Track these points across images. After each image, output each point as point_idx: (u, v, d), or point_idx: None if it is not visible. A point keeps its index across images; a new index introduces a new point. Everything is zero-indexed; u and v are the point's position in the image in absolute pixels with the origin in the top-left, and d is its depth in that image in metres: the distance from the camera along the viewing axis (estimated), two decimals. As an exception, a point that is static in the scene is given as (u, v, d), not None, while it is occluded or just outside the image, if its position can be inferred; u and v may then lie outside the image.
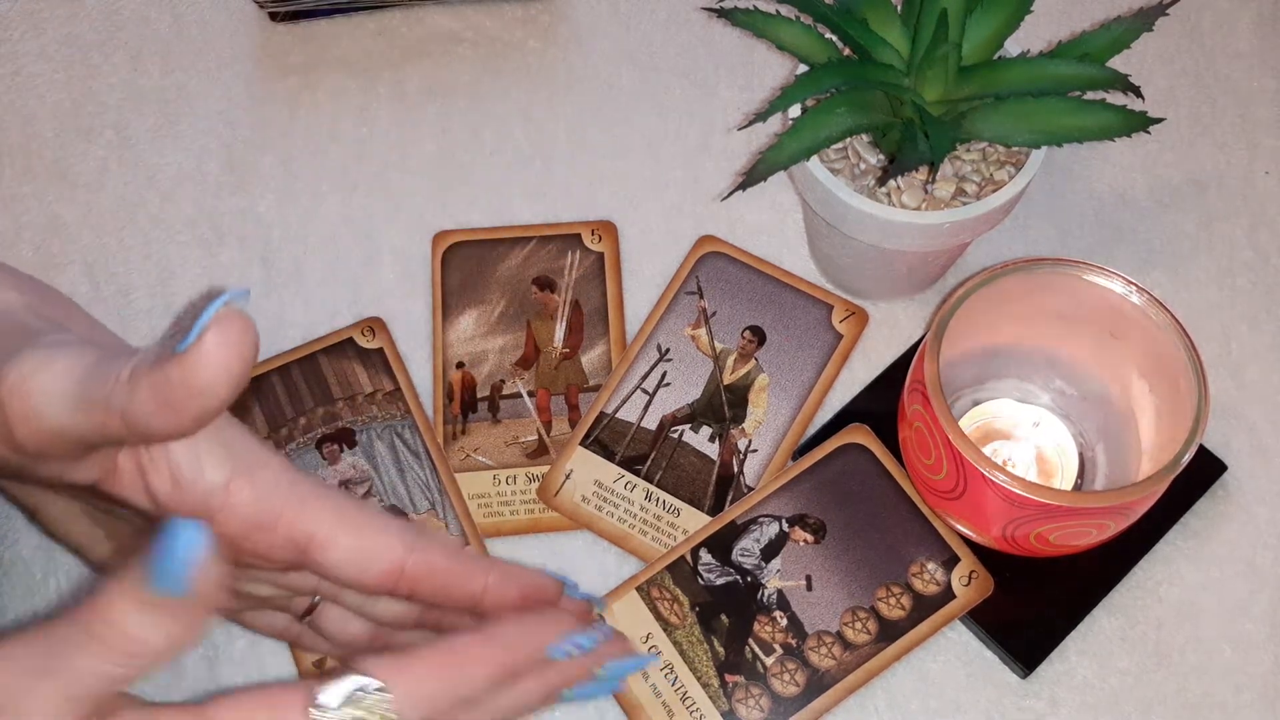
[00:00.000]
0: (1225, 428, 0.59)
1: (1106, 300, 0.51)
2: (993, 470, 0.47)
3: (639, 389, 0.60)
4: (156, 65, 0.70)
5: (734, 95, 0.69)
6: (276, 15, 0.70)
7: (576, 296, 0.62)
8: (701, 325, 0.61)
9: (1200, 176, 0.66)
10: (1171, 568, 0.56)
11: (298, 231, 0.65)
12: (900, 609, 0.53)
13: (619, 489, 0.57)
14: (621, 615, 0.54)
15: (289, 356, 0.61)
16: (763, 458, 0.58)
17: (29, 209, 0.66)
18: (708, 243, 0.63)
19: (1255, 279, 0.63)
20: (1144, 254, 0.63)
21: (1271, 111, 0.67)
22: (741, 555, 0.55)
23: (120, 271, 0.64)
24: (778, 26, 0.54)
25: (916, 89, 0.51)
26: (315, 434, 0.59)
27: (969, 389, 0.57)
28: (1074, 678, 0.54)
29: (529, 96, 0.69)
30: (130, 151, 0.68)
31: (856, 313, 0.61)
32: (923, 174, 0.54)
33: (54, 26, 0.71)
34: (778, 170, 0.51)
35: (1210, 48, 0.70)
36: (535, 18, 0.71)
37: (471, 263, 0.63)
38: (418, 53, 0.70)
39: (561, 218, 0.65)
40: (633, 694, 0.53)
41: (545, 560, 0.57)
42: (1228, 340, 0.61)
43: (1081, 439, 0.56)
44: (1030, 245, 0.64)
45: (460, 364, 0.61)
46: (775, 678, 0.53)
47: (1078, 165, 0.66)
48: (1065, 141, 0.51)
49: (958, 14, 0.50)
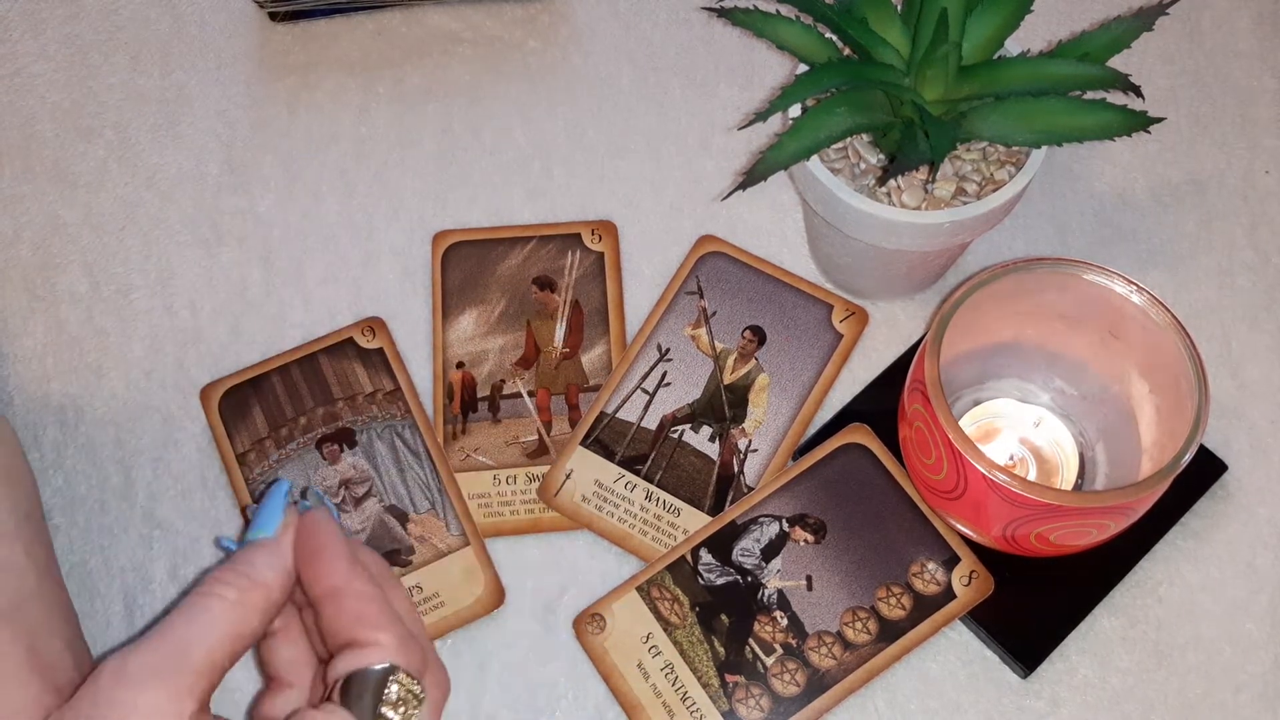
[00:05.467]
0: (1225, 428, 0.59)
1: (1106, 300, 0.51)
2: (993, 470, 0.47)
3: (639, 389, 0.60)
4: (156, 65, 0.70)
5: (734, 95, 0.69)
6: (276, 15, 0.70)
7: (576, 296, 0.62)
8: (701, 325, 0.61)
9: (1200, 176, 0.66)
10: (1171, 568, 0.56)
11: (298, 231, 0.65)
12: (900, 609, 0.53)
13: (619, 489, 0.57)
14: (621, 615, 0.54)
15: (289, 356, 0.61)
16: (763, 457, 0.58)
17: (29, 209, 0.66)
18: (708, 242, 0.63)
19: (1255, 279, 0.63)
20: (1144, 254, 0.63)
21: (1271, 111, 0.67)
22: (742, 555, 0.55)
23: (120, 271, 0.64)
24: (778, 26, 0.54)
25: (916, 89, 0.51)
26: (315, 434, 0.59)
27: (969, 389, 0.57)
28: (1074, 678, 0.54)
29: (529, 96, 0.69)
30: (130, 151, 0.68)
31: (856, 313, 0.61)
32: (923, 174, 0.54)
33: (54, 26, 0.71)
34: (778, 170, 0.51)
35: (1210, 48, 0.70)
36: (535, 18, 0.71)
37: (471, 262, 0.63)
38: (417, 53, 0.70)
39: (561, 217, 0.65)
40: (633, 694, 0.53)
41: (545, 560, 0.57)
42: (1228, 340, 0.61)
43: (1081, 439, 0.56)
44: (1030, 245, 0.64)
45: (460, 364, 0.61)
46: (775, 678, 0.53)
47: (1078, 165, 0.66)
48: (1065, 141, 0.51)
49: (958, 14, 0.50)
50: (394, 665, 0.38)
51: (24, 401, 0.61)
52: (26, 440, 0.60)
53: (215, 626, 0.37)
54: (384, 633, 0.38)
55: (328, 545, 0.40)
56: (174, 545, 0.57)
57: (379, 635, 0.38)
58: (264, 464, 0.58)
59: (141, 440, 0.60)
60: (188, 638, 0.36)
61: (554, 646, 0.55)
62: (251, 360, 0.61)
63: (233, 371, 0.61)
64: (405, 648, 0.39)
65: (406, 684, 0.38)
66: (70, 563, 0.57)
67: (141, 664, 0.36)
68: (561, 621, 0.55)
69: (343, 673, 0.38)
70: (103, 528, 0.58)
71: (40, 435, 0.60)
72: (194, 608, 0.37)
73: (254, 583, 0.38)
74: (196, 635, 0.37)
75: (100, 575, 0.57)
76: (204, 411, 0.60)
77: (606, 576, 0.56)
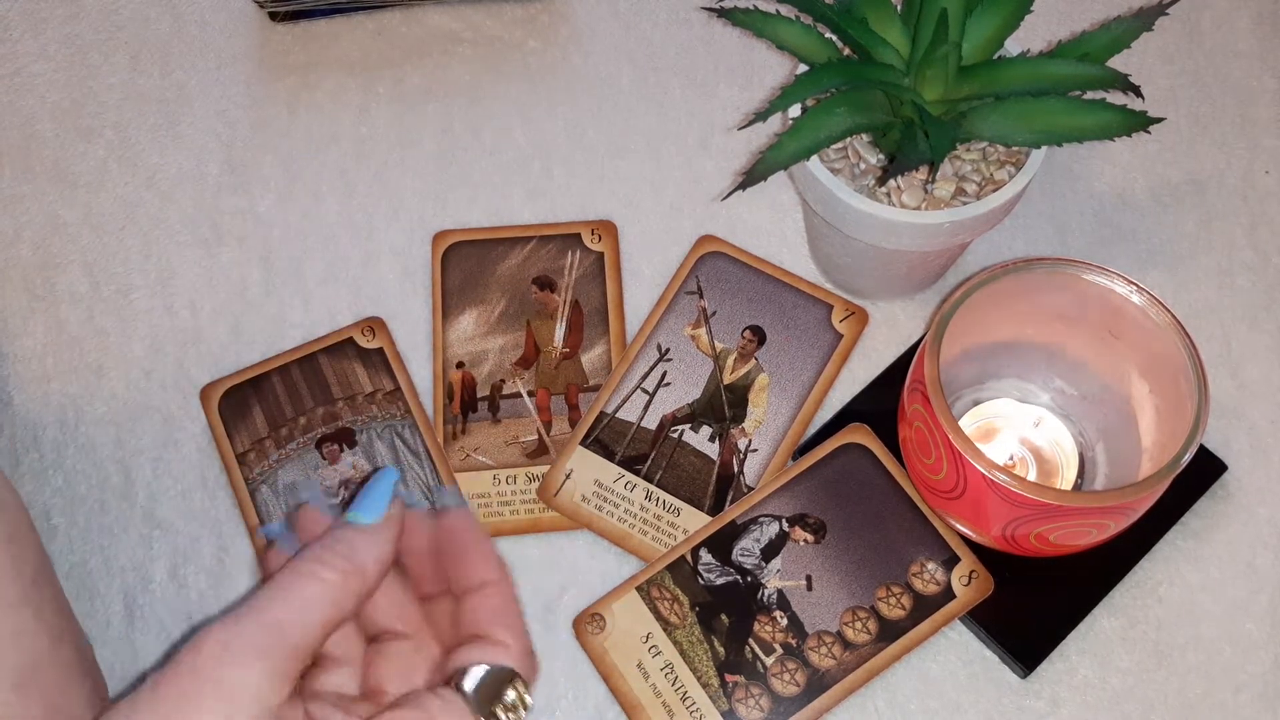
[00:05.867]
0: (1225, 428, 0.59)
1: (1106, 300, 0.51)
2: (993, 470, 0.47)
3: (639, 389, 0.60)
4: (156, 65, 0.70)
5: (734, 95, 0.69)
6: (276, 15, 0.70)
7: (576, 296, 0.62)
8: (701, 325, 0.61)
9: (1200, 176, 0.66)
10: (1171, 568, 0.56)
11: (298, 231, 0.65)
12: (900, 609, 0.53)
13: (619, 489, 0.57)
14: (621, 615, 0.54)
15: (289, 356, 0.61)
16: (763, 457, 0.58)
17: (29, 209, 0.66)
18: (708, 242, 0.63)
19: (1255, 279, 0.63)
20: (1144, 254, 0.63)
21: (1271, 111, 0.67)
22: (741, 555, 0.55)
23: (120, 271, 0.64)
24: (778, 26, 0.54)
25: (916, 89, 0.51)
26: (315, 434, 0.59)
27: (969, 389, 0.57)
28: (1074, 678, 0.54)
29: (529, 96, 0.69)
30: (130, 151, 0.68)
31: (856, 312, 0.61)
32: (923, 174, 0.54)
33: (54, 26, 0.71)
34: (778, 170, 0.51)
35: (1210, 48, 0.70)
36: (535, 18, 0.71)
37: (471, 262, 0.63)
38: (417, 53, 0.70)
39: (561, 217, 0.65)
40: (633, 694, 0.53)
41: (545, 560, 0.57)
42: (1228, 340, 0.61)
43: (1081, 439, 0.56)
44: (1030, 245, 0.64)
45: (460, 364, 0.61)
46: (775, 677, 0.53)
47: (1078, 165, 0.66)
48: (1065, 141, 0.51)
49: (958, 14, 0.50)
50: (515, 671, 0.38)
51: (24, 401, 0.61)
52: (26, 440, 0.60)
53: (313, 609, 0.36)
54: (515, 637, 0.38)
55: (480, 541, 0.40)
56: (174, 545, 0.57)
57: (510, 638, 0.38)
58: (264, 464, 0.58)
59: (141, 440, 0.60)
60: (286, 619, 0.35)
61: (554, 646, 0.55)
62: (251, 360, 0.61)
63: (233, 371, 0.61)
64: (528, 659, 0.38)
65: (522, 692, 0.37)
66: (70, 563, 0.57)
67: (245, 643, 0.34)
68: (561, 621, 0.55)
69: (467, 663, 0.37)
70: (103, 528, 0.58)
71: (40, 435, 0.60)
72: (292, 588, 0.36)
73: (355, 567, 0.37)
74: (294, 617, 0.35)
75: (100, 575, 0.57)
76: (204, 411, 0.60)
77: (606, 576, 0.56)
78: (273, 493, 0.57)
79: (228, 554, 0.57)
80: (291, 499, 0.57)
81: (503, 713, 0.37)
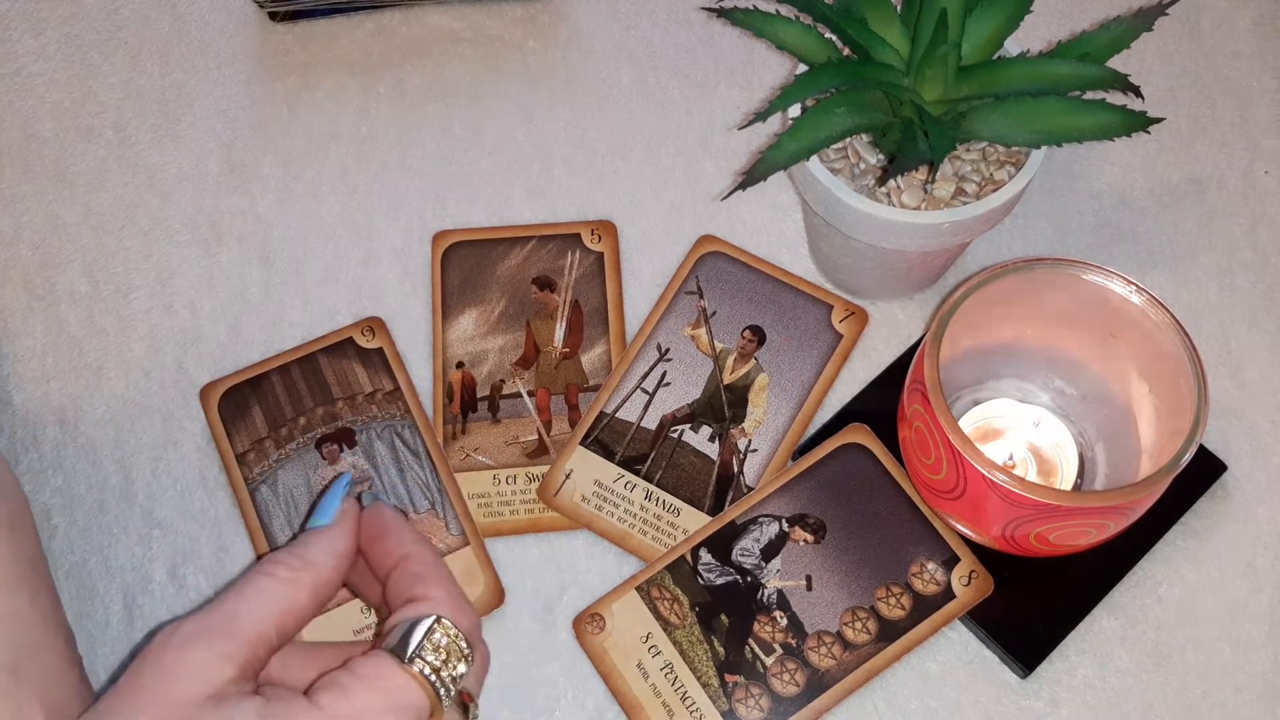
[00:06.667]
0: (1225, 428, 0.59)
1: (1106, 300, 0.51)
2: (993, 470, 0.47)
3: (639, 389, 0.60)
4: (156, 65, 0.70)
5: (734, 95, 0.69)
6: (276, 15, 0.70)
7: (576, 296, 0.62)
8: (701, 325, 0.61)
9: (1200, 176, 0.66)
10: (1171, 568, 0.56)
11: (298, 231, 0.65)
12: (900, 609, 0.53)
13: (619, 489, 0.57)
14: (621, 615, 0.54)
15: (289, 356, 0.61)
16: (763, 457, 0.58)
17: (29, 209, 0.66)
18: (708, 242, 0.63)
19: (1255, 279, 0.63)
20: (1144, 254, 0.63)
21: (1271, 111, 0.67)
22: (741, 555, 0.55)
23: (120, 271, 0.64)
24: (777, 26, 0.54)
25: (916, 89, 0.51)
26: (315, 434, 0.59)
27: (969, 389, 0.57)
28: (1074, 678, 0.54)
29: (529, 96, 0.69)
30: (130, 151, 0.68)
31: (856, 313, 0.61)
32: (923, 174, 0.54)
33: (54, 26, 0.71)
34: (778, 170, 0.51)
35: (1210, 48, 0.70)
36: (535, 18, 0.71)
37: (471, 262, 0.63)
38: (417, 53, 0.70)
39: (561, 217, 0.65)
40: (633, 694, 0.53)
41: (545, 560, 0.57)
42: (1228, 340, 0.61)
43: (1081, 439, 0.56)
44: (1030, 245, 0.64)
45: (460, 364, 0.61)
46: (775, 677, 0.53)
47: (1078, 165, 0.66)
48: (1065, 141, 0.51)
49: (958, 14, 0.50)
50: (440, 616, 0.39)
51: (24, 401, 0.61)
52: (26, 440, 0.60)
53: (264, 601, 0.39)
54: (438, 589, 0.40)
55: (393, 524, 0.43)
56: (173, 545, 0.57)
57: (433, 591, 0.40)
58: (263, 464, 0.58)
59: (141, 440, 0.60)
60: (237, 609, 0.39)
61: (553, 646, 0.55)
62: (251, 360, 0.61)
63: (232, 371, 0.61)
64: (458, 606, 0.40)
65: (452, 635, 0.39)
66: (70, 563, 0.57)
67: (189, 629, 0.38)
68: (561, 621, 0.55)
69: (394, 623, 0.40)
70: (102, 528, 0.58)
71: (40, 435, 0.60)
72: (247, 584, 0.40)
73: (306, 563, 0.40)
74: (246, 608, 0.39)
75: (100, 575, 0.57)
76: (204, 411, 0.60)
77: (606, 576, 0.56)
78: (272, 493, 0.57)
79: (227, 554, 0.57)
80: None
81: (434, 654, 0.38)
